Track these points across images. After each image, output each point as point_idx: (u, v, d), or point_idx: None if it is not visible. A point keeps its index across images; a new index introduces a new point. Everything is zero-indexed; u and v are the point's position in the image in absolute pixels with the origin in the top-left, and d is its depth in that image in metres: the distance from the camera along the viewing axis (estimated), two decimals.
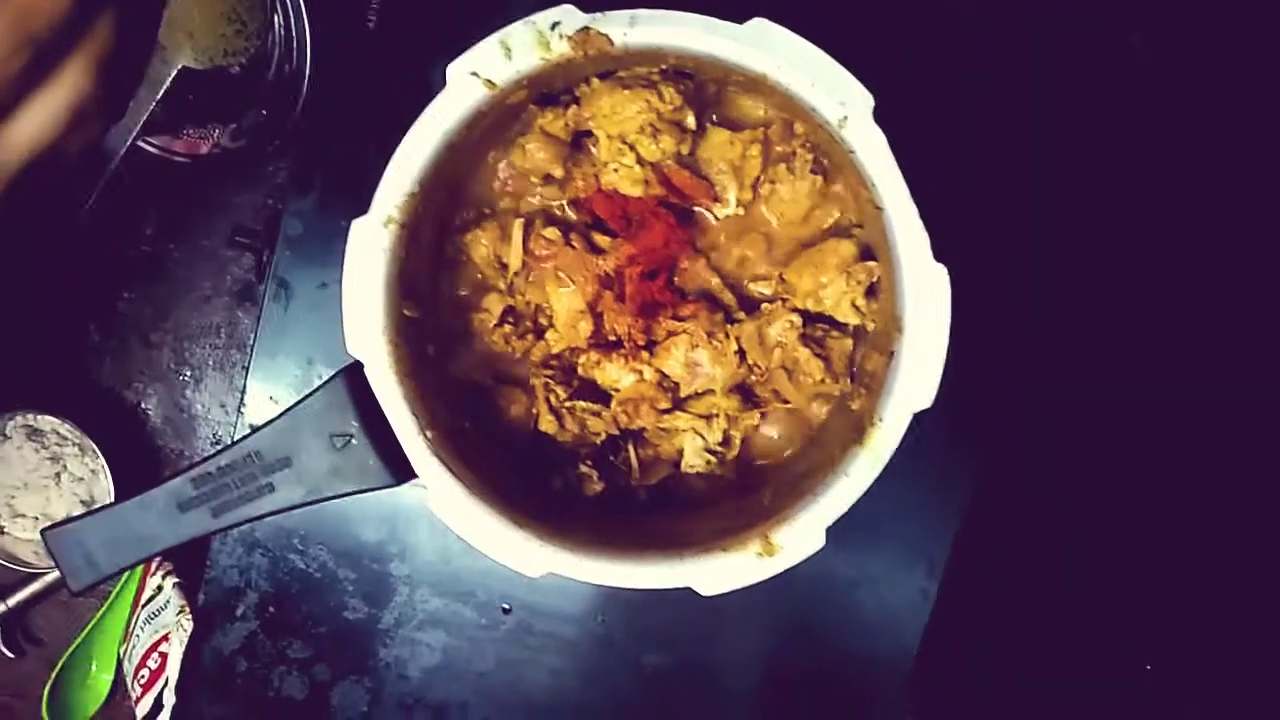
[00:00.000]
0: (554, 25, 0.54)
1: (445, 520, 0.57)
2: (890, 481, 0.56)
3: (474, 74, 0.55)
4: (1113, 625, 0.76)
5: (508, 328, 0.63)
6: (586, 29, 0.54)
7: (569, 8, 0.54)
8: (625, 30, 0.54)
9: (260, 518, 0.58)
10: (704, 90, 0.61)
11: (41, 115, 0.42)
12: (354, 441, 0.57)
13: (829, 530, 0.56)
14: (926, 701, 0.75)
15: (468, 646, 0.76)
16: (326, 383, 0.58)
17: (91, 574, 0.58)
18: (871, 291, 0.61)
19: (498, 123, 0.60)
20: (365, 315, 0.57)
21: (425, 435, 0.57)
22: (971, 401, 0.71)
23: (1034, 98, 0.71)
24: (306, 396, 0.57)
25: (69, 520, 0.57)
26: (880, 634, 0.74)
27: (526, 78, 0.55)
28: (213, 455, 0.57)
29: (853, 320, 0.61)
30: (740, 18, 0.54)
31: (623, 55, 0.55)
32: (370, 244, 0.56)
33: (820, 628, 0.75)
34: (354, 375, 0.58)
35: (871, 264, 0.60)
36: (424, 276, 0.61)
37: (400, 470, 0.58)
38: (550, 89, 0.60)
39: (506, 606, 0.75)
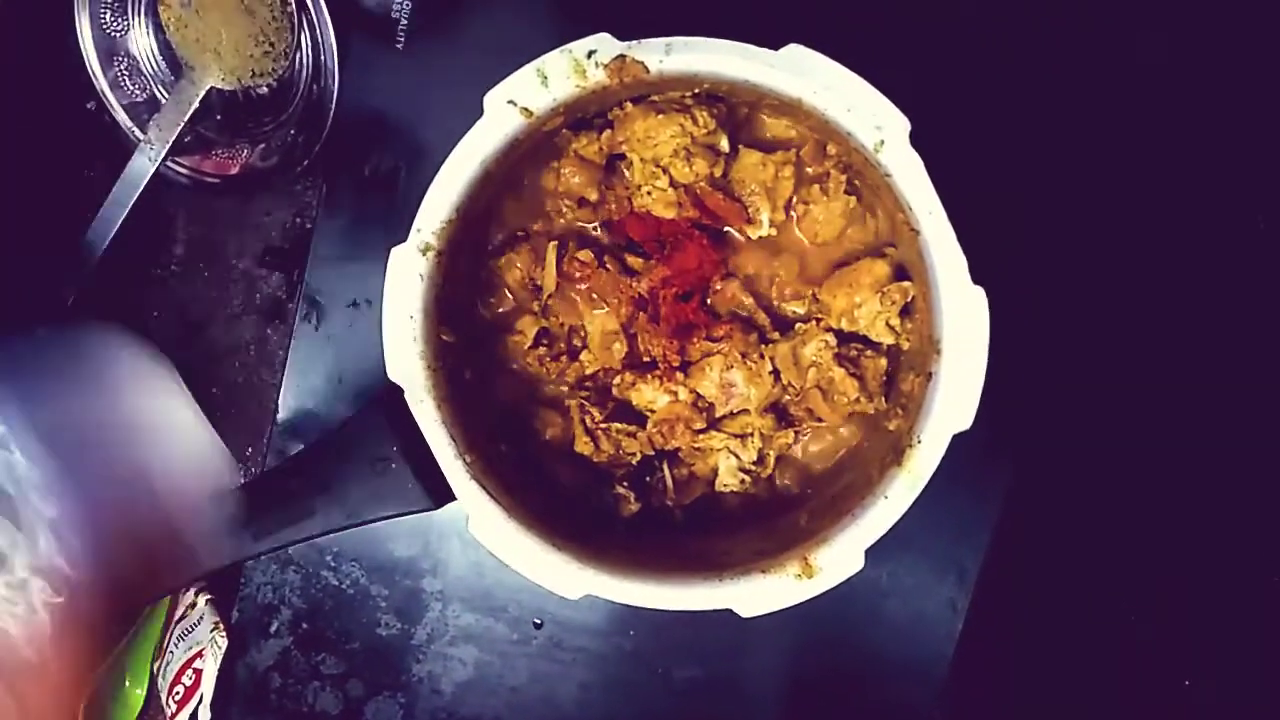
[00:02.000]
0: (590, 53, 0.54)
1: (485, 544, 0.58)
2: (923, 494, 0.57)
3: (511, 102, 0.55)
4: (1145, 639, 0.76)
5: (542, 350, 0.63)
6: (623, 57, 0.54)
7: (605, 36, 0.54)
8: (661, 58, 0.54)
9: (301, 541, 0.58)
10: (736, 112, 0.61)
11: None
12: (393, 466, 0.58)
13: (872, 546, 0.57)
14: (956, 712, 0.76)
15: (499, 661, 0.76)
16: (366, 407, 0.58)
17: None
18: (905, 311, 0.61)
19: (533, 149, 0.60)
20: (404, 341, 0.57)
21: (464, 459, 0.58)
22: (1004, 417, 0.70)
23: (1070, 120, 0.71)
24: (347, 421, 0.58)
25: None
26: (911, 645, 0.75)
27: (563, 105, 0.56)
28: (254, 480, 0.58)
29: (887, 339, 0.61)
30: (775, 43, 0.54)
31: (657, 81, 0.55)
32: (409, 271, 0.57)
33: (851, 639, 0.75)
34: (392, 399, 0.58)
35: (906, 284, 0.60)
36: (461, 301, 0.62)
37: (439, 494, 0.58)
38: (585, 114, 0.60)
39: (538, 621, 0.76)
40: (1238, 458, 0.74)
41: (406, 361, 0.57)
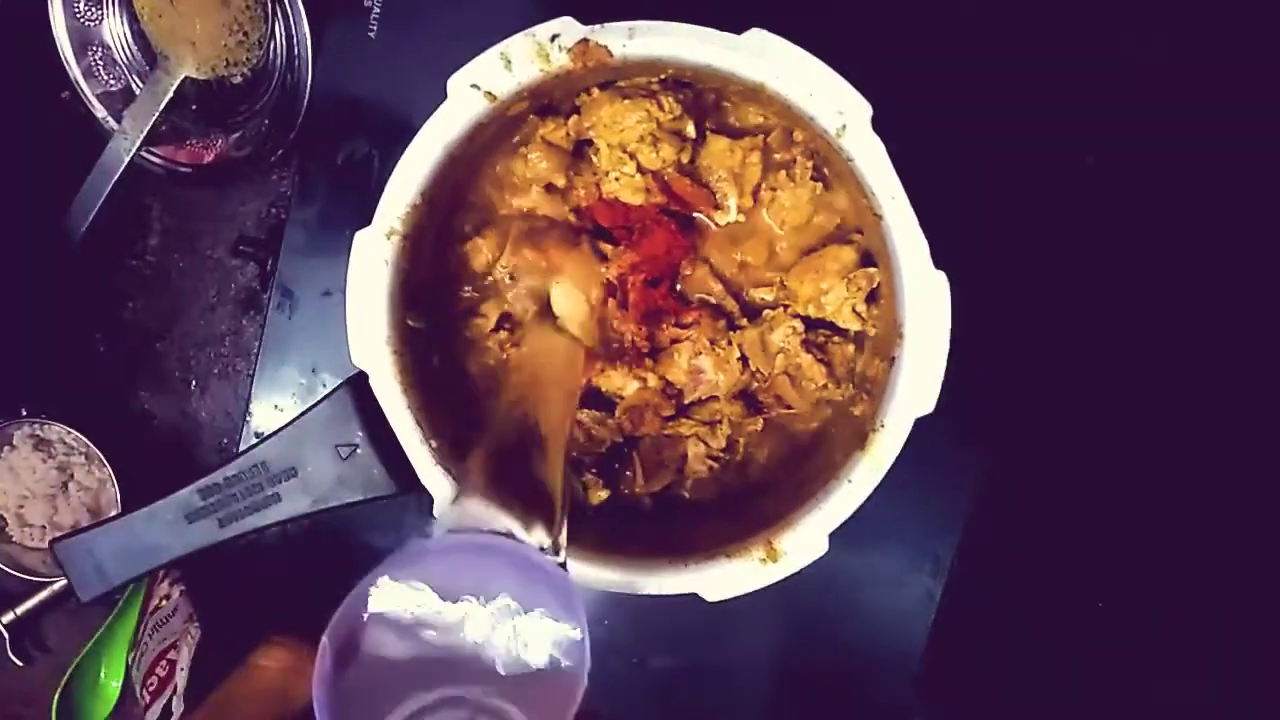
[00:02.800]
0: (553, 37, 0.54)
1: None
2: (895, 482, 0.57)
3: (475, 86, 0.55)
4: (1116, 626, 0.76)
5: (504, 334, 0.63)
6: (586, 41, 0.54)
7: (568, 20, 0.54)
8: (624, 42, 0.54)
9: (267, 527, 0.58)
10: (703, 98, 0.61)
11: None
12: (359, 451, 0.58)
13: (833, 533, 0.57)
14: (934, 701, 0.76)
15: None
16: (331, 393, 0.58)
17: (101, 585, 0.59)
18: (872, 297, 0.61)
19: (499, 133, 0.60)
20: (369, 326, 0.57)
21: (430, 445, 0.58)
22: (975, 404, 0.71)
23: (1033, 103, 0.71)
24: (311, 407, 0.58)
25: (78, 531, 0.58)
26: (887, 634, 0.75)
27: (527, 89, 0.56)
28: (220, 466, 0.58)
29: (854, 326, 0.61)
30: (738, 28, 0.54)
31: (622, 66, 0.55)
32: (373, 255, 0.57)
33: (827, 628, 0.75)
34: (359, 385, 0.58)
35: (872, 270, 0.60)
36: (427, 286, 0.62)
37: (405, 479, 0.58)
38: (551, 100, 0.60)
39: None
40: (1210, 442, 0.74)
41: (371, 346, 0.57)
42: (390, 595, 0.42)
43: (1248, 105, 0.73)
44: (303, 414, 0.58)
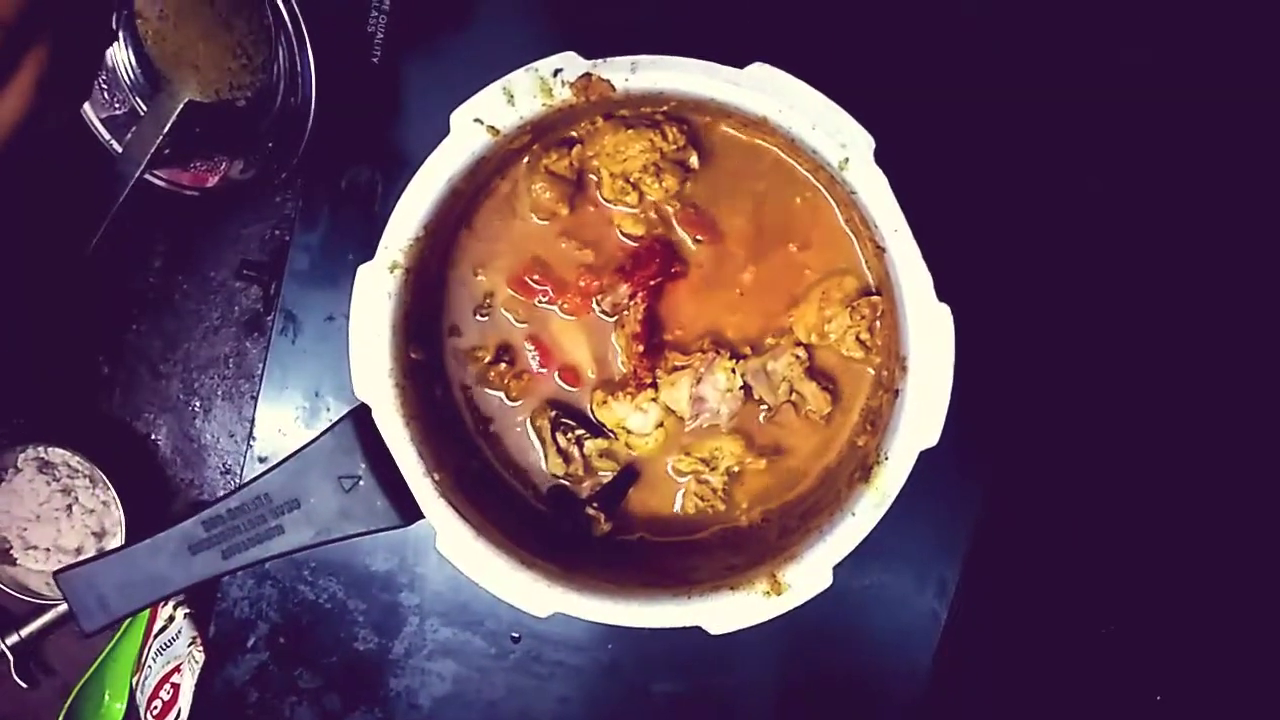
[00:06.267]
0: (556, 72, 0.54)
1: (453, 561, 0.58)
2: (900, 506, 0.56)
3: (477, 120, 0.55)
4: (1122, 649, 0.76)
5: (503, 366, 0.63)
6: (588, 75, 0.54)
7: (570, 55, 0.54)
8: (626, 76, 0.54)
9: (270, 559, 0.58)
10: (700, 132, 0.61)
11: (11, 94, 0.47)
12: (362, 483, 0.58)
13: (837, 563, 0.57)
14: None
15: (478, 676, 0.76)
16: (335, 425, 0.58)
17: (104, 616, 0.58)
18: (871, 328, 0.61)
19: (501, 165, 0.60)
20: (372, 359, 0.57)
21: (433, 477, 0.58)
22: (980, 430, 0.71)
23: (1036, 135, 0.71)
24: (315, 439, 0.58)
25: (82, 562, 0.58)
26: (892, 656, 0.75)
27: (530, 123, 0.56)
28: (223, 498, 0.58)
29: (857, 354, 0.61)
30: (740, 62, 0.54)
31: (624, 100, 0.55)
32: (376, 288, 0.57)
33: (831, 651, 0.75)
34: (362, 417, 0.58)
35: (875, 298, 0.60)
36: (429, 318, 0.62)
37: (408, 511, 0.58)
38: (553, 132, 0.60)
39: (516, 635, 0.76)
40: (1211, 465, 0.74)
41: (374, 379, 0.57)
42: None
43: (1251, 129, 0.72)
44: (306, 446, 0.58)
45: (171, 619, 0.79)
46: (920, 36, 0.71)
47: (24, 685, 0.83)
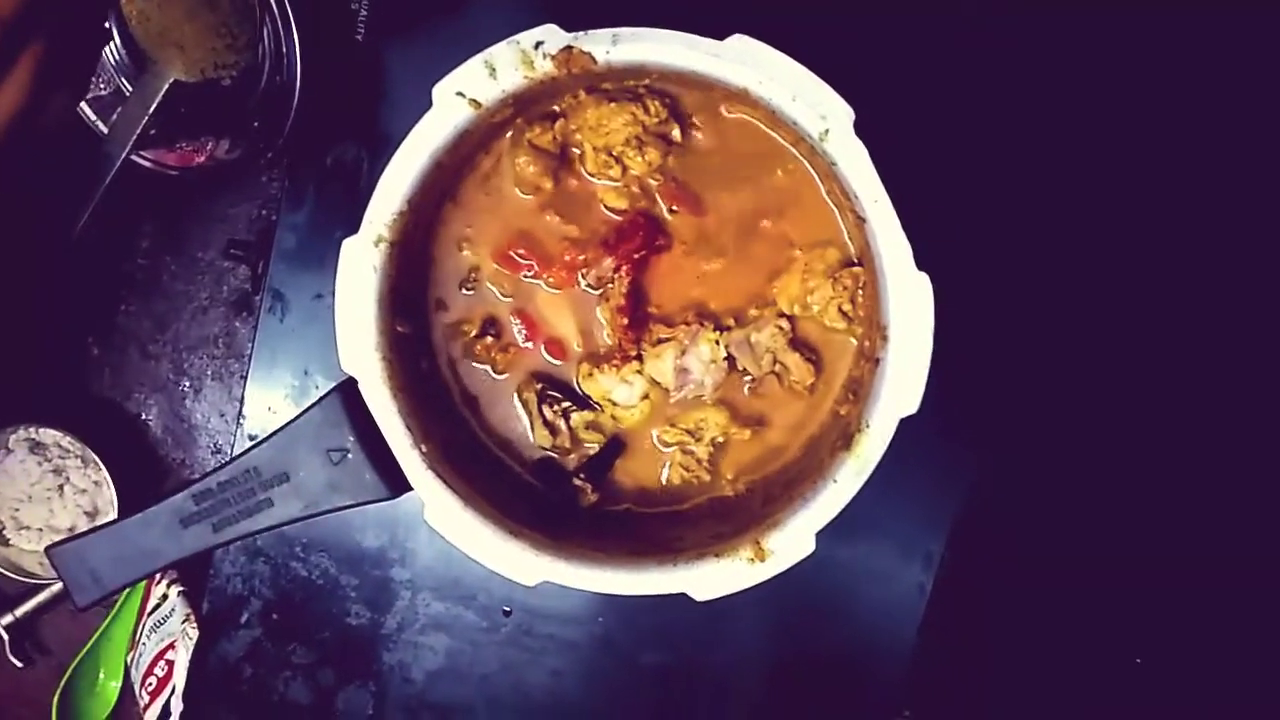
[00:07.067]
0: (537, 44, 0.55)
1: (441, 532, 0.58)
2: (886, 481, 0.57)
3: (460, 94, 0.55)
4: (1104, 618, 0.77)
5: (489, 339, 0.63)
6: (570, 48, 0.54)
7: (552, 27, 0.55)
8: (608, 49, 0.54)
9: (259, 532, 0.59)
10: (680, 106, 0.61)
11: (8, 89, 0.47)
12: (350, 456, 0.58)
13: (822, 530, 0.57)
14: (924, 695, 0.76)
15: (470, 649, 0.77)
16: (322, 399, 0.58)
17: (97, 590, 0.59)
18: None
19: (484, 139, 0.60)
20: (358, 332, 0.58)
21: (420, 449, 0.58)
22: (965, 400, 0.71)
23: (1014, 105, 0.72)
24: (303, 412, 0.58)
25: (73, 537, 0.58)
26: (878, 628, 0.76)
27: (512, 96, 0.56)
28: (212, 472, 0.58)
29: (840, 325, 0.62)
30: (721, 34, 0.54)
31: (605, 72, 0.56)
32: (361, 262, 0.57)
33: (818, 623, 0.76)
34: (349, 391, 0.59)
35: (857, 269, 0.61)
36: (415, 292, 0.62)
37: (397, 483, 0.59)
38: (536, 106, 0.60)
39: (507, 609, 0.76)
40: (1198, 437, 0.75)
41: (361, 352, 0.58)
42: None
43: (1238, 106, 0.73)
44: (294, 419, 0.58)
45: (165, 597, 0.80)
46: (898, 7, 0.71)
47: (19, 665, 0.84)
